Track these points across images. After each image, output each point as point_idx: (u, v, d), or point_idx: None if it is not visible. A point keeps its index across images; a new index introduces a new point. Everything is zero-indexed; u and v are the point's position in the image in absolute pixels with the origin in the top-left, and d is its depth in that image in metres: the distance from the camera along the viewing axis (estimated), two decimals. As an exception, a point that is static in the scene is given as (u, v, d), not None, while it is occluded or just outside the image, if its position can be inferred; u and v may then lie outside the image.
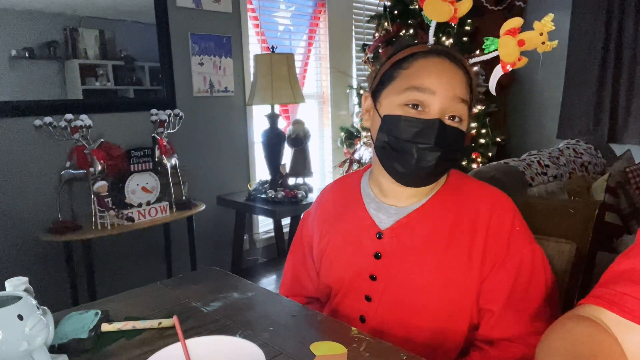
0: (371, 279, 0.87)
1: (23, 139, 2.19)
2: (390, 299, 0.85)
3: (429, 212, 0.85)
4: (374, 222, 0.88)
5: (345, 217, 0.93)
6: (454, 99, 0.79)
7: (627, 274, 0.59)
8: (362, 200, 0.92)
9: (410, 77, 0.81)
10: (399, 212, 0.87)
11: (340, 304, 0.93)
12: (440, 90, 0.79)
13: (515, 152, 4.08)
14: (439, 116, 0.79)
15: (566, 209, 0.98)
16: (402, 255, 0.84)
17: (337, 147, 3.75)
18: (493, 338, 0.81)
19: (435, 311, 0.82)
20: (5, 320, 0.57)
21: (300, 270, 1.04)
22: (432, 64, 0.81)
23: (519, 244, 0.81)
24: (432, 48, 0.84)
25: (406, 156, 0.80)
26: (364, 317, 0.88)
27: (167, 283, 1.04)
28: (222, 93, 2.96)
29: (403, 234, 0.85)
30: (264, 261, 3.37)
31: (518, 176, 2.14)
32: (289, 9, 3.45)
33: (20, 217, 2.21)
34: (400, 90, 0.81)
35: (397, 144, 0.80)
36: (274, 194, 2.70)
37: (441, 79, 0.79)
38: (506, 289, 0.80)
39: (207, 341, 0.65)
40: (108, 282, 2.41)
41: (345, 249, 0.91)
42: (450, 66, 0.81)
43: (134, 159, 2.20)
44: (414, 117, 0.79)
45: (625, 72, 3.74)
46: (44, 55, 2.24)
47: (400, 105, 0.81)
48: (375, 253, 0.87)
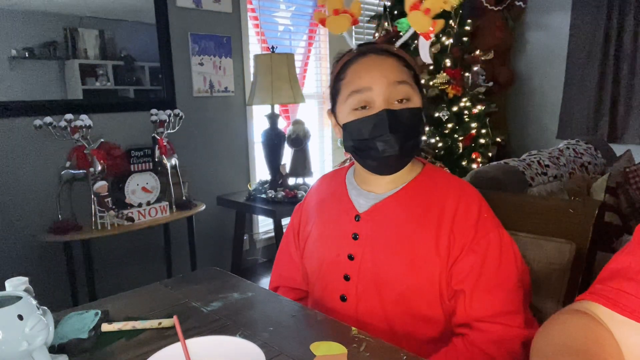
0: (349, 259, 0.93)
1: (23, 139, 2.19)
2: (367, 278, 0.90)
3: (402, 198, 0.92)
4: (354, 206, 0.96)
5: (328, 203, 1.02)
6: (392, 84, 0.86)
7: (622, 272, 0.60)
8: (345, 187, 1.00)
9: (348, 85, 0.90)
10: (377, 197, 0.94)
11: (322, 285, 0.98)
12: (374, 83, 0.86)
13: (515, 152, 4.08)
14: (385, 105, 0.86)
15: (566, 209, 0.98)
16: (377, 236, 0.91)
17: (337, 147, 3.75)
18: (470, 319, 0.84)
19: (404, 290, 0.87)
20: (5, 320, 0.57)
21: (288, 261, 1.09)
22: (360, 65, 0.90)
23: (486, 228, 0.86)
24: (357, 51, 0.93)
25: (372, 152, 0.88)
26: (344, 297, 0.93)
27: (167, 283, 1.04)
28: (222, 93, 2.96)
29: (378, 216, 0.92)
30: (264, 261, 3.37)
31: (518, 176, 2.14)
32: (289, 9, 3.45)
33: (20, 217, 2.22)
34: (345, 98, 0.90)
35: (362, 145, 0.89)
36: (274, 194, 2.70)
37: (372, 74, 0.87)
38: (476, 270, 0.84)
39: (207, 341, 0.65)
40: (108, 282, 2.41)
41: (327, 231, 0.99)
42: (377, 58, 0.89)
43: (134, 159, 2.20)
44: (364, 117, 0.87)
45: (625, 72, 3.74)
46: (44, 55, 2.24)
47: (350, 111, 0.89)
48: (354, 234, 0.93)
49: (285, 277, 1.10)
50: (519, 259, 0.87)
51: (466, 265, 0.85)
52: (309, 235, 1.02)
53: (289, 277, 1.09)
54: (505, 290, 0.83)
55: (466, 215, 0.87)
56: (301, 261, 1.05)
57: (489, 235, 0.85)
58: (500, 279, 0.84)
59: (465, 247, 0.85)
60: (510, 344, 0.81)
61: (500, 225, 0.89)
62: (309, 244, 1.02)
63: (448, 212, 0.87)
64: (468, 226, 0.86)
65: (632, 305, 0.57)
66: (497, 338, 0.81)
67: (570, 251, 0.94)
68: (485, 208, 0.89)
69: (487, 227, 0.86)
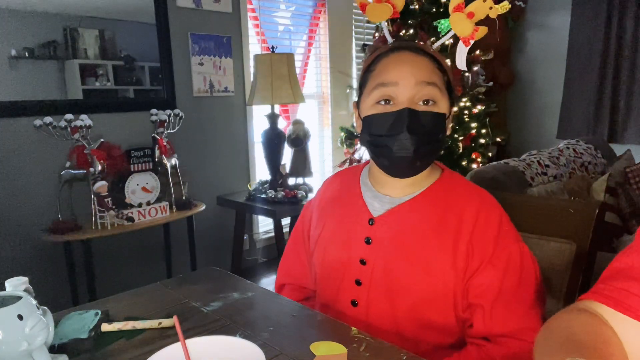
0: (361, 263, 0.90)
1: (23, 139, 2.19)
2: (378, 284, 0.88)
3: (419, 204, 0.89)
4: (368, 209, 0.92)
5: (342, 203, 0.98)
6: (419, 84, 0.83)
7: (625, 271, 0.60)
8: (359, 189, 0.97)
9: (375, 77, 0.87)
10: (392, 201, 0.91)
11: (332, 289, 0.95)
12: (402, 80, 0.83)
13: (515, 152, 4.08)
14: (408, 104, 0.83)
15: (566, 209, 0.98)
16: (391, 241, 0.88)
17: (337, 147, 3.75)
18: (488, 334, 0.83)
19: (417, 298, 0.85)
20: (5, 320, 0.57)
21: (295, 259, 1.08)
22: (392, 59, 0.87)
23: (507, 242, 0.84)
24: (392, 46, 0.90)
25: (386, 150, 0.84)
26: (355, 302, 0.91)
27: (167, 283, 1.04)
28: (222, 93, 2.96)
29: (393, 221, 0.89)
30: (264, 261, 3.37)
31: (518, 176, 2.14)
32: (289, 9, 3.45)
33: (20, 217, 2.21)
34: (370, 91, 0.87)
35: (377, 140, 0.86)
36: (274, 194, 2.70)
37: (401, 70, 0.84)
38: (495, 285, 0.82)
39: (207, 341, 0.65)
40: (108, 282, 2.41)
41: (339, 233, 0.95)
42: (411, 56, 0.86)
43: (134, 159, 2.20)
44: (385, 112, 0.84)
45: (625, 72, 3.74)
46: (44, 55, 2.24)
47: (372, 105, 0.87)
48: (366, 238, 0.90)
49: (292, 275, 1.08)
50: (538, 273, 0.84)
51: (485, 279, 0.82)
52: (319, 235, 0.99)
53: (295, 276, 1.08)
54: (525, 306, 0.81)
55: (486, 227, 0.84)
56: (309, 261, 1.03)
57: (509, 249, 0.83)
58: (520, 295, 0.81)
59: (485, 260, 0.82)
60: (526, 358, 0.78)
61: (520, 238, 0.86)
62: (320, 245, 0.98)
63: (467, 222, 0.84)
64: (488, 239, 0.83)
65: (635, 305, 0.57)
66: (514, 352, 0.79)
67: (570, 251, 0.94)
68: (506, 220, 0.86)
69: (508, 241, 0.83)
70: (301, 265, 1.06)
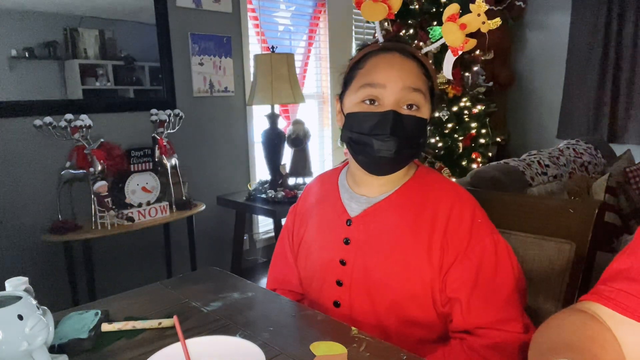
0: (341, 264, 0.92)
1: (23, 139, 2.19)
2: (359, 283, 0.89)
3: (394, 202, 0.90)
4: (346, 210, 0.94)
5: (322, 206, 1.00)
6: (405, 89, 0.84)
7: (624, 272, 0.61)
8: (338, 191, 0.98)
9: (364, 75, 0.87)
10: (369, 201, 0.92)
11: (316, 291, 0.97)
12: (390, 83, 0.84)
13: (515, 152, 4.08)
14: (394, 107, 0.84)
15: (566, 209, 0.98)
16: (368, 240, 0.89)
17: (337, 147, 3.75)
18: (468, 328, 0.83)
19: (396, 295, 0.86)
20: (5, 320, 0.57)
21: (284, 263, 1.08)
22: (382, 60, 0.87)
23: (481, 234, 0.85)
24: (383, 45, 0.90)
25: (367, 148, 0.85)
26: (338, 302, 0.93)
27: (167, 283, 1.04)
28: (222, 93, 2.96)
29: (370, 221, 0.90)
30: (264, 261, 3.37)
31: (518, 176, 2.14)
32: (289, 9, 3.45)
33: (20, 217, 2.22)
34: (357, 88, 0.88)
35: (359, 138, 0.86)
36: (274, 194, 2.70)
37: (390, 73, 0.85)
38: (471, 277, 0.83)
39: (207, 341, 0.65)
40: (108, 282, 2.41)
41: (320, 236, 0.97)
42: (400, 59, 0.87)
43: (134, 159, 2.20)
44: (370, 111, 0.85)
45: (625, 72, 3.74)
46: (44, 55, 2.24)
47: (358, 102, 0.87)
48: (345, 239, 0.92)
49: (281, 279, 1.09)
50: (515, 264, 0.85)
51: (461, 272, 0.83)
52: (302, 238, 1.01)
53: (284, 280, 1.08)
54: (503, 297, 0.82)
55: (459, 221, 0.85)
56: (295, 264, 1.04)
57: (483, 242, 0.84)
58: (497, 286, 0.82)
59: (460, 254, 0.83)
60: (509, 348, 0.80)
61: (495, 230, 0.87)
62: (303, 248, 1.01)
63: (441, 217, 0.85)
64: (461, 232, 0.84)
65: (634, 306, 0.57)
66: (496, 343, 0.80)
67: (570, 251, 0.94)
68: (480, 213, 0.87)
69: (482, 233, 0.84)
70: (289, 269, 1.07)
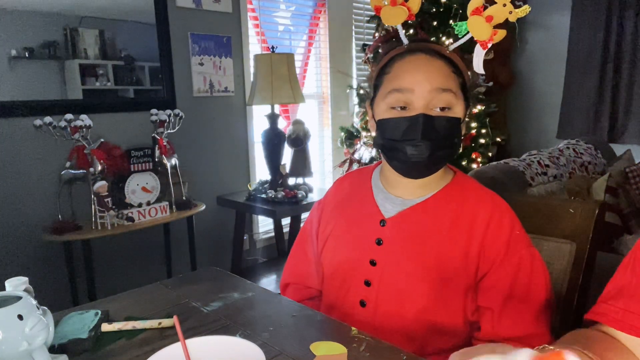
0: (371, 264, 0.90)
1: (23, 139, 2.19)
2: (388, 285, 0.88)
3: (431, 206, 0.89)
4: (380, 210, 0.92)
5: (353, 204, 0.98)
6: (434, 91, 0.83)
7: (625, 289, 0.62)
8: (371, 190, 0.97)
9: (391, 81, 0.86)
10: (404, 203, 0.91)
11: (341, 288, 0.95)
12: (418, 87, 0.83)
13: (515, 152, 4.07)
14: (424, 111, 0.82)
15: (566, 209, 0.98)
16: (402, 243, 0.88)
17: (337, 147, 3.75)
18: (495, 338, 0.82)
19: (427, 300, 0.85)
20: (5, 320, 0.57)
21: (302, 259, 1.07)
22: (407, 64, 0.86)
23: (518, 246, 0.84)
24: (408, 47, 0.89)
25: (400, 154, 0.84)
26: (364, 302, 0.91)
27: (167, 283, 1.04)
28: (222, 93, 2.95)
29: (405, 223, 0.89)
30: (264, 261, 3.37)
31: (518, 176, 2.14)
32: (289, 9, 3.45)
33: (20, 217, 2.21)
34: (385, 94, 0.86)
35: (391, 145, 0.86)
36: (274, 194, 2.70)
37: (417, 76, 0.83)
38: (505, 288, 0.82)
39: (207, 341, 0.65)
40: (108, 282, 2.41)
41: (350, 234, 0.95)
42: (427, 60, 0.85)
43: (134, 159, 2.20)
44: (400, 117, 0.84)
45: (625, 72, 3.74)
46: (44, 55, 2.24)
47: (387, 108, 0.86)
48: (377, 239, 0.90)
49: (297, 274, 1.08)
50: (548, 280, 0.84)
51: (495, 283, 0.82)
52: (329, 235, 0.99)
53: (301, 275, 1.07)
54: (534, 312, 0.81)
55: (498, 231, 0.84)
56: (317, 260, 1.03)
57: (520, 253, 0.83)
58: (530, 300, 0.81)
59: (495, 264, 0.83)
60: None
61: (531, 243, 0.86)
62: (329, 245, 0.98)
63: (479, 225, 0.84)
64: (500, 242, 0.83)
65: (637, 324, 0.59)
66: None
67: (570, 251, 0.94)
68: (518, 225, 0.86)
69: (519, 245, 0.83)
70: (307, 264, 1.06)
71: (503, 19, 0.86)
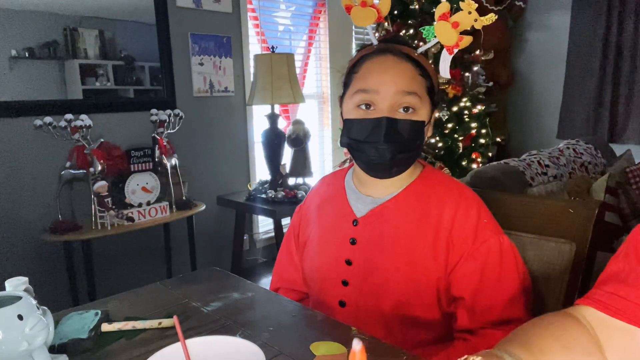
0: (347, 264, 0.92)
1: (23, 139, 2.19)
2: (365, 283, 0.89)
3: (400, 202, 0.91)
4: (352, 210, 0.94)
5: (328, 206, 1.00)
6: (399, 93, 0.84)
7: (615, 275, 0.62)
8: (344, 191, 0.99)
9: (358, 80, 0.88)
10: (375, 202, 0.93)
11: (321, 290, 0.97)
12: (383, 88, 0.84)
13: (515, 152, 4.08)
14: (388, 112, 0.84)
15: (566, 209, 0.98)
16: (375, 241, 0.90)
17: (337, 147, 3.75)
18: (472, 327, 0.84)
19: (402, 295, 0.86)
20: (5, 320, 0.57)
21: (289, 262, 1.09)
22: (375, 64, 0.87)
23: (486, 234, 0.85)
24: (377, 48, 0.89)
25: (363, 155, 0.87)
26: (343, 302, 0.93)
27: (167, 283, 1.04)
28: (222, 93, 2.96)
29: (376, 221, 0.91)
30: (264, 261, 3.37)
31: (518, 176, 2.14)
32: (289, 9, 3.45)
33: (20, 217, 2.21)
34: (352, 93, 0.88)
35: (356, 145, 0.88)
36: (274, 194, 2.70)
37: (383, 78, 0.84)
38: (476, 276, 0.83)
39: (207, 341, 0.65)
40: (108, 282, 2.41)
41: (326, 236, 0.97)
42: (394, 62, 0.86)
43: (134, 159, 2.20)
44: (364, 118, 0.85)
45: (625, 72, 3.74)
46: (44, 55, 2.24)
47: (354, 107, 0.87)
48: (351, 239, 0.92)
49: (286, 278, 1.09)
50: (520, 265, 0.85)
51: (466, 272, 0.84)
52: (308, 238, 1.01)
53: (289, 279, 1.09)
54: (507, 297, 0.82)
55: (465, 221, 0.85)
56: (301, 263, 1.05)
57: (488, 242, 0.84)
58: (501, 286, 0.83)
59: (465, 253, 0.84)
60: None
61: (500, 230, 0.87)
62: (308, 248, 1.01)
63: (446, 217, 0.86)
64: (467, 232, 0.85)
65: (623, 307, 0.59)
66: None
67: (570, 251, 0.94)
68: (485, 213, 0.87)
69: (487, 233, 0.85)
70: (293, 268, 1.07)
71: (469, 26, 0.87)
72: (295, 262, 1.07)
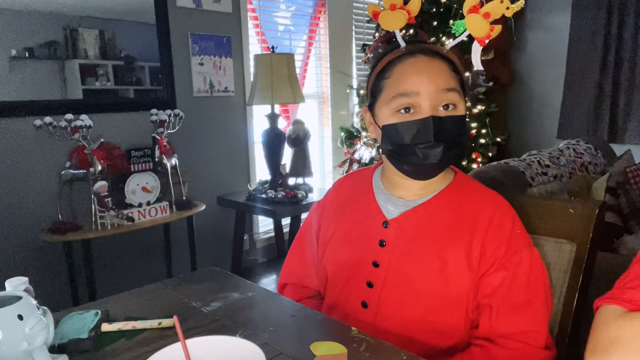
0: (374, 266, 0.90)
1: (23, 139, 2.19)
2: (391, 286, 0.88)
3: (433, 207, 0.89)
4: (382, 211, 0.93)
5: (354, 206, 0.98)
6: (439, 91, 0.83)
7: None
8: (372, 191, 0.97)
9: (393, 85, 0.85)
10: (406, 204, 0.91)
11: (342, 289, 0.95)
12: (423, 88, 0.82)
13: (515, 152, 4.08)
14: (431, 112, 0.82)
15: (566, 209, 0.98)
16: (405, 244, 0.88)
17: (337, 147, 3.75)
18: (492, 335, 0.83)
19: (431, 301, 0.85)
20: (5, 320, 0.57)
21: (300, 259, 1.08)
22: (409, 66, 0.85)
23: (518, 245, 0.84)
24: (406, 50, 0.88)
25: (413, 158, 0.84)
26: (365, 303, 0.91)
27: (167, 283, 1.04)
28: (222, 93, 2.96)
29: (407, 224, 0.89)
30: (264, 261, 3.37)
31: (518, 176, 2.13)
32: (289, 9, 3.45)
33: (20, 217, 2.21)
34: (388, 99, 0.86)
35: (401, 149, 0.85)
36: (274, 194, 2.70)
37: (421, 78, 0.83)
38: (505, 286, 0.82)
39: (207, 341, 0.65)
40: (108, 282, 2.41)
41: (352, 236, 0.95)
42: (427, 61, 0.85)
43: (134, 159, 2.20)
44: (408, 121, 0.83)
45: (625, 72, 3.74)
46: (44, 55, 2.24)
47: (393, 113, 0.86)
48: (380, 241, 0.90)
49: (295, 274, 1.09)
50: (546, 279, 0.85)
51: (495, 280, 0.83)
52: (331, 237, 0.99)
53: (298, 275, 1.08)
54: (532, 309, 0.82)
55: (499, 230, 0.84)
56: (315, 261, 1.03)
57: (520, 252, 0.83)
58: (528, 297, 0.82)
59: (496, 262, 0.83)
60: None
61: (531, 242, 0.86)
62: (331, 246, 0.98)
63: (481, 224, 0.85)
64: (500, 241, 0.84)
65: None
66: (517, 356, 0.80)
67: (571, 251, 0.94)
68: (519, 224, 0.87)
69: (520, 244, 0.84)
70: (304, 264, 1.06)
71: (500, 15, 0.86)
72: (307, 258, 1.06)
